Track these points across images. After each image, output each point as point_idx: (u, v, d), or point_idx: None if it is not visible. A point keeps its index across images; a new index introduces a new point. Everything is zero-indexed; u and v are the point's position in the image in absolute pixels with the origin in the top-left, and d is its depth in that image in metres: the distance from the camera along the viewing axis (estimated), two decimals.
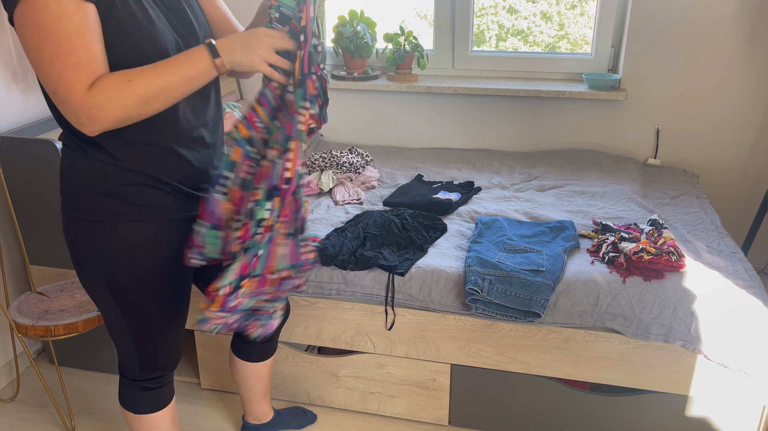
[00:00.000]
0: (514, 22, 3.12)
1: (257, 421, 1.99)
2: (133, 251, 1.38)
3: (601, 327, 1.86)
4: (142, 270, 1.40)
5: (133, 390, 1.58)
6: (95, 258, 1.38)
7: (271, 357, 1.86)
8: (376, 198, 2.48)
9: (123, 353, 1.54)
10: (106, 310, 1.46)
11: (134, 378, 1.57)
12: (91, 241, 1.37)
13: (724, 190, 2.82)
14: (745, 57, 2.61)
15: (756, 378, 1.77)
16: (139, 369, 1.54)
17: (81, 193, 1.35)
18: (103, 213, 1.35)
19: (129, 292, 1.42)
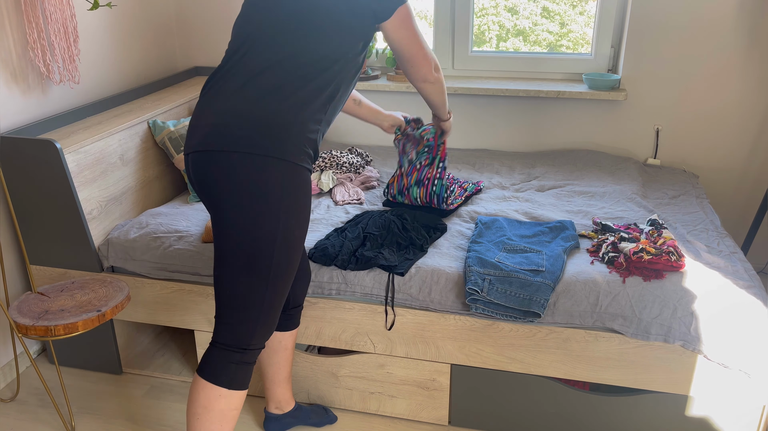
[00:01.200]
0: (516, 22, 3.12)
1: (279, 410, 1.99)
2: (308, 198, 1.54)
3: (600, 327, 1.86)
4: (308, 216, 1.56)
5: (234, 361, 1.55)
6: (287, 200, 1.47)
7: (297, 328, 1.90)
8: (376, 198, 2.48)
9: (245, 314, 1.53)
10: (256, 261, 1.48)
11: (244, 346, 1.55)
12: (297, 187, 1.48)
13: (723, 190, 2.82)
14: (745, 57, 2.61)
15: (756, 378, 1.77)
16: (258, 329, 1.55)
17: (297, 142, 1.48)
18: (308, 161, 1.51)
19: (296, 241, 1.51)
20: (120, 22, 2.74)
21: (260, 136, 1.45)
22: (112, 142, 2.29)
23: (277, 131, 1.46)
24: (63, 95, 2.46)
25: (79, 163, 2.14)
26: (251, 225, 1.46)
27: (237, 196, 1.45)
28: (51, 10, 2.21)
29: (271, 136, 1.45)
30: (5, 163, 2.11)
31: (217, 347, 1.56)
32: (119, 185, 2.33)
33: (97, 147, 2.22)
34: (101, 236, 2.23)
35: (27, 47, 2.26)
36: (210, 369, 1.56)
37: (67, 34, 2.30)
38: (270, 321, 1.57)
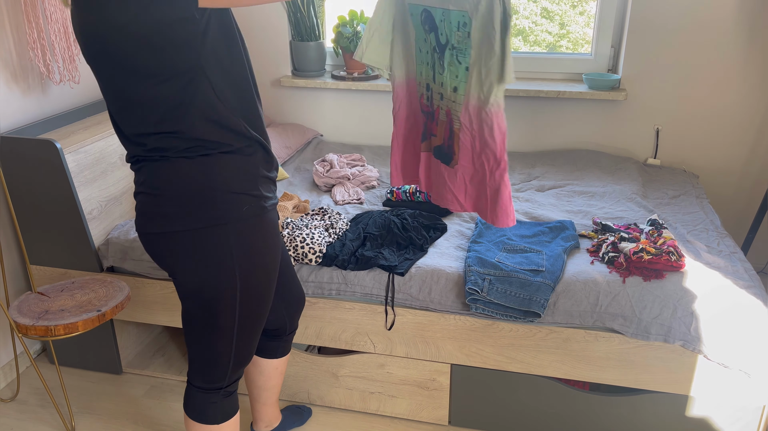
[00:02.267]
0: (516, 22, 3.12)
1: (268, 427, 1.97)
2: (268, 243, 1.44)
3: (600, 327, 1.86)
4: (271, 262, 1.47)
5: (215, 400, 1.55)
6: (233, 261, 1.38)
7: (289, 352, 1.89)
8: (376, 198, 2.48)
9: (216, 360, 1.50)
10: (220, 315, 1.43)
11: (221, 386, 1.54)
12: (230, 245, 1.37)
13: (723, 190, 2.82)
14: (745, 57, 2.61)
15: (756, 378, 1.77)
16: (232, 370, 1.53)
17: (218, 196, 1.35)
18: (240, 211, 1.37)
19: (255, 291, 1.45)
20: None
21: (158, 211, 1.37)
22: (112, 142, 2.29)
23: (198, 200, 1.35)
24: (63, 95, 2.46)
25: (79, 163, 2.14)
26: (207, 289, 1.42)
27: (187, 266, 1.40)
28: (51, 10, 2.21)
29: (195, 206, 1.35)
30: (5, 163, 2.11)
31: (194, 389, 1.57)
32: (119, 185, 2.33)
33: (97, 147, 2.22)
34: (101, 236, 2.24)
35: (27, 47, 2.26)
36: (197, 411, 1.57)
37: (67, 34, 2.30)
38: (243, 360, 1.55)
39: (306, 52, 2.98)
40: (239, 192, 1.37)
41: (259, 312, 1.51)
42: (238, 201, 1.37)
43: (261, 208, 1.41)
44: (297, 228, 2.10)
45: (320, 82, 2.97)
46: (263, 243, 1.44)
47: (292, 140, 2.95)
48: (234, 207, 1.36)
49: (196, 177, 1.33)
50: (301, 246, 1.99)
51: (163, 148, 1.33)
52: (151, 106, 1.28)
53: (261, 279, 1.46)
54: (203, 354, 1.52)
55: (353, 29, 2.93)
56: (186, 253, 1.38)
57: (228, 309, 1.44)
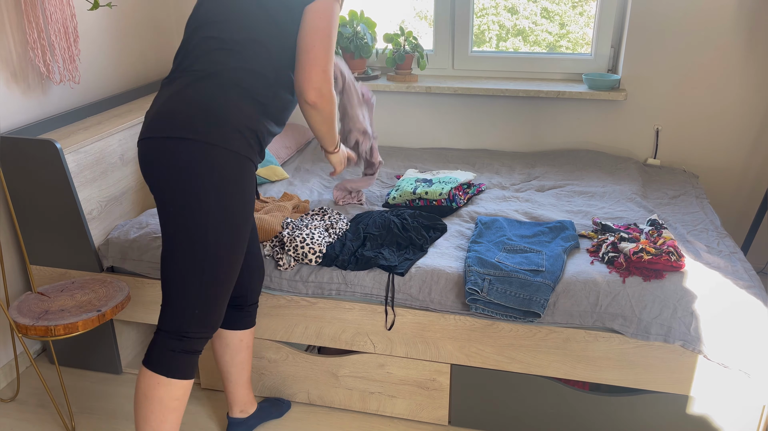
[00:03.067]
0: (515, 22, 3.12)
1: (244, 413, 1.99)
2: (251, 189, 1.56)
3: (600, 327, 1.86)
4: (250, 210, 1.57)
5: (174, 348, 1.55)
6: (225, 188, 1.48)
7: (254, 326, 1.92)
8: (377, 198, 2.48)
9: (183, 299, 1.53)
10: (191, 247, 1.49)
11: (183, 333, 1.55)
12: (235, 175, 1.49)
13: (723, 190, 2.82)
14: (745, 57, 2.62)
15: (756, 378, 1.77)
16: (196, 320, 1.54)
17: (237, 131, 1.49)
18: (250, 151, 1.52)
19: (235, 230, 1.52)
20: (120, 22, 2.74)
21: (200, 122, 1.46)
22: (112, 142, 2.29)
23: (217, 117, 1.47)
24: (63, 95, 2.46)
25: (79, 163, 2.14)
26: (188, 207, 1.48)
27: (175, 178, 1.47)
28: (51, 10, 2.21)
29: (211, 122, 1.46)
30: (5, 163, 2.11)
31: (159, 333, 1.57)
32: (119, 185, 2.33)
33: (97, 147, 2.22)
34: (101, 236, 2.24)
35: (27, 47, 2.26)
36: (150, 356, 1.56)
37: (67, 34, 2.30)
38: (211, 310, 1.57)
39: None
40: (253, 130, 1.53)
41: (231, 259, 1.55)
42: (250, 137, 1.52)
43: (254, 158, 1.56)
44: (297, 228, 2.10)
45: None
46: (251, 188, 1.56)
47: (292, 140, 2.96)
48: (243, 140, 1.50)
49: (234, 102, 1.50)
50: (301, 246, 1.99)
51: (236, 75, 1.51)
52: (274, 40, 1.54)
53: (240, 220, 1.54)
54: (171, 290, 1.54)
55: (353, 29, 2.93)
56: (191, 166, 1.46)
57: (201, 241, 1.49)
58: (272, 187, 2.57)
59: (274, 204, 2.28)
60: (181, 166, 1.46)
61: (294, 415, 2.16)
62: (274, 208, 2.25)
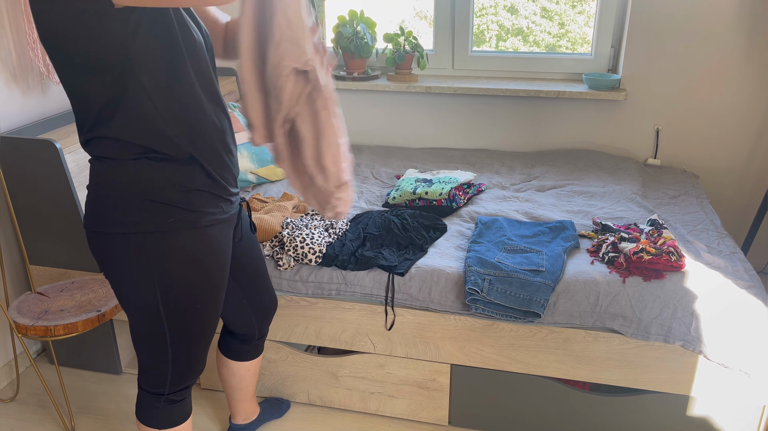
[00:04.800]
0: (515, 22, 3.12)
1: (246, 420, 2.00)
2: (192, 261, 1.37)
3: (601, 327, 1.86)
4: (200, 280, 1.40)
5: (158, 405, 1.54)
6: (153, 275, 1.35)
7: (262, 352, 1.89)
8: (377, 198, 2.48)
9: (154, 366, 1.49)
10: (149, 327, 1.42)
11: (161, 392, 1.53)
12: (149, 257, 1.33)
13: (724, 190, 2.82)
14: (745, 57, 2.61)
15: (756, 378, 1.77)
16: (170, 381, 1.51)
17: (139, 203, 1.31)
18: (165, 223, 1.32)
19: (182, 305, 1.40)
20: None
21: (94, 210, 1.35)
22: None
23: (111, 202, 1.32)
24: (63, 95, 2.45)
25: (79, 163, 2.14)
26: (126, 298, 1.40)
27: (113, 269, 1.38)
28: None
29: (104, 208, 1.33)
30: (5, 163, 2.11)
31: (140, 390, 1.57)
32: None
33: None
34: None
35: (27, 47, 2.26)
36: (141, 412, 1.56)
37: None
38: (185, 372, 1.52)
39: None
40: (163, 202, 1.31)
41: (194, 326, 1.45)
42: (161, 211, 1.31)
43: (192, 222, 1.35)
44: (297, 228, 2.10)
45: None
46: (192, 258, 1.37)
47: None
48: (156, 216, 1.31)
49: (120, 181, 1.30)
50: (301, 246, 1.99)
51: (98, 148, 1.30)
52: (84, 100, 1.25)
53: (187, 294, 1.39)
54: (142, 357, 1.50)
55: (353, 29, 2.93)
56: (112, 256, 1.35)
57: (153, 319, 1.40)
58: (272, 187, 2.57)
59: (274, 204, 2.28)
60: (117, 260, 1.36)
61: (294, 415, 2.16)
62: (274, 207, 2.25)
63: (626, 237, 1.99)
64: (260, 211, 2.25)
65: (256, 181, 2.58)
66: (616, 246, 1.95)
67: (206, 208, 1.37)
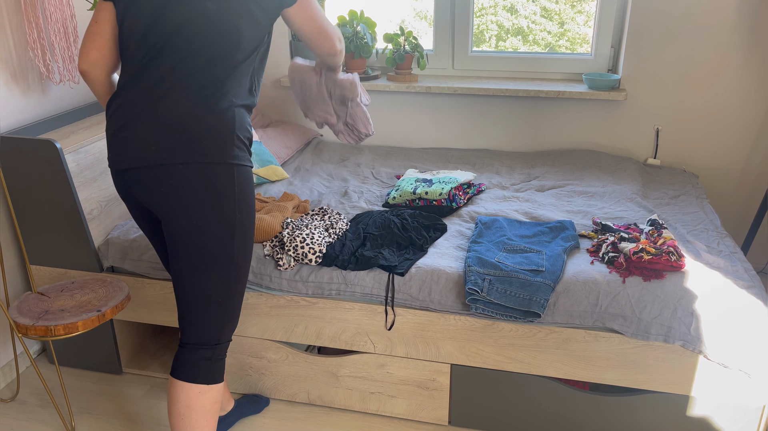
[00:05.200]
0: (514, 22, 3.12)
1: (223, 411, 2.04)
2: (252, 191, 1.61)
3: (600, 327, 1.86)
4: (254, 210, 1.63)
5: (213, 358, 1.62)
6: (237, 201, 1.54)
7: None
8: (377, 198, 2.48)
9: (213, 319, 1.59)
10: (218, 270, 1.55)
11: (216, 343, 1.62)
12: (241, 185, 1.54)
13: (724, 190, 2.82)
14: (745, 57, 2.62)
15: (756, 378, 1.77)
16: (228, 328, 1.63)
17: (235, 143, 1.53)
18: (247, 157, 1.58)
19: (249, 233, 1.60)
20: None
21: (201, 143, 1.49)
22: None
23: (216, 137, 1.51)
24: (63, 95, 2.45)
25: (79, 163, 2.14)
26: (208, 227, 1.52)
27: (190, 202, 1.51)
28: (51, 10, 2.21)
29: (211, 142, 1.50)
30: (5, 163, 2.11)
31: (187, 348, 1.62)
32: None
33: (97, 147, 2.22)
34: (101, 236, 2.23)
35: (27, 47, 2.26)
36: (186, 370, 1.61)
37: (67, 34, 2.30)
38: (236, 314, 1.65)
39: (306, 52, 2.99)
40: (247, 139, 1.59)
41: (248, 259, 1.62)
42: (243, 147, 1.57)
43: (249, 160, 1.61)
44: (297, 228, 2.10)
45: None
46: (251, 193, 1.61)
47: (292, 140, 2.95)
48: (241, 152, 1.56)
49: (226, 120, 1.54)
50: (301, 246, 1.99)
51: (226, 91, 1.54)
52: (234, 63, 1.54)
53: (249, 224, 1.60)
54: (199, 305, 1.58)
55: (353, 29, 2.93)
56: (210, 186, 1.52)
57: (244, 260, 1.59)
58: (272, 187, 2.57)
59: (274, 204, 2.28)
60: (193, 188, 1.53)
61: (294, 415, 2.16)
62: (274, 207, 2.25)
63: (626, 237, 1.99)
64: (260, 211, 2.25)
65: (257, 181, 2.58)
66: (616, 246, 1.95)
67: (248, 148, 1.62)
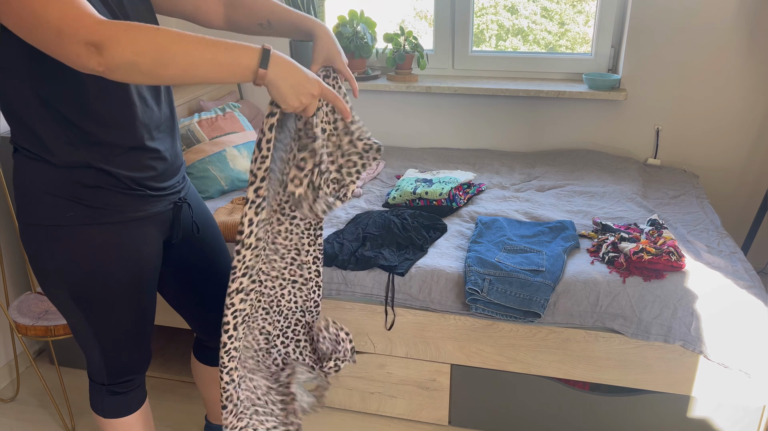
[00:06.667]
0: (515, 22, 3.12)
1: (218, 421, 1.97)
2: (96, 255, 1.35)
3: (601, 327, 1.86)
4: (106, 274, 1.37)
5: (101, 395, 1.56)
6: (57, 266, 1.34)
7: None
8: (377, 198, 2.48)
9: (90, 359, 1.52)
10: (70, 318, 1.44)
11: (102, 383, 1.54)
12: (51, 248, 1.33)
13: (724, 190, 2.82)
14: (745, 57, 2.61)
15: (756, 378, 1.77)
16: (107, 374, 1.52)
17: (37, 199, 1.30)
18: (63, 217, 1.30)
19: (93, 299, 1.39)
20: None
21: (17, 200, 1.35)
22: None
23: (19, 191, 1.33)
24: None
25: None
26: (45, 285, 1.41)
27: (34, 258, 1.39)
28: None
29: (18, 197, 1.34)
30: (5, 163, 2.11)
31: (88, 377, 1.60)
32: None
33: None
34: None
35: None
36: (90, 398, 1.60)
37: None
38: (118, 367, 1.52)
39: (306, 52, 2.98)
40: (59, 196, 1.30)
41: (113, 322, 1.43)
42: (59, 205, 1.31)
43: (95, 216, 1.33)
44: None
45: None
46: (96, 253, 1.34)
47: None
48: (56, 210, 1.31)
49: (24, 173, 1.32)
50: None
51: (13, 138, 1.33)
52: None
53: (96, 288, 1.37)
54: (81, 347, 1.53)
55: (353, 29, 2.93)
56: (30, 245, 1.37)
57: (71, 311, 1.42)
58: None
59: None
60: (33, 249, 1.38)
61: None
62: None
63: (626, 237, 1.99)
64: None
65: None
66: (616, 246, 1.95)
67: (113, 204, 1.34)
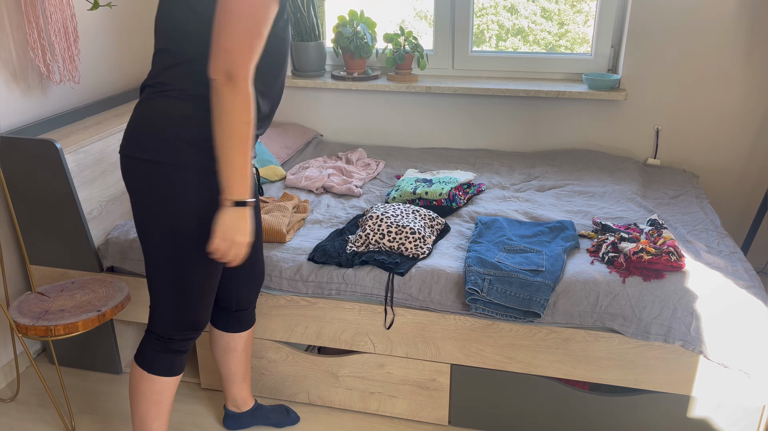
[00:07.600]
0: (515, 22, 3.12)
1: (237, 408, 2.02)
2: (214, 204, 1.50)
3: (600, 327, 1.86)
4: (206, 219, 1.52)
5: (157, 350, 1.63)
6: (195, 210, 1.49)
7: (249, 330, 1.91)
8: (376, 198, 2.48)
9: (161, 310, 1.60)
10: (158, 264, 1.55)
11: (164, 337, 1.62)
12: (200, 191, 1.48)
13: (724, 190, 2.82)
14: (745, 57, 2.62)
15: (756, 378, 1.77)
16: (173, 326, 1.61)
17: (170, 140, 1.46)
18: (189, 161, 1.47)
19: (194, 245, 1.52)
20: (120, 22, 2.74)
21: (136, 138, 1.50)
22: (112, 141, 2.29)
23: (147, 133, 1.48)
24: (63, 95, 2.45)
25: (79, 163, 2.14)
26: (141, 221, 1.55)
27: (132, 194, 1.54)
28: (51, 10, 2.21)
29: (144, 138, 1.48)
30: (5, 163, 2.11)
31: (147, 332, 1.68)
32: (119, 185, 2.33)
33: (97, 147, 2.22)
34: (101, 236, 2.23)
35: (27, 47, 2.26)
36: (138, 352, 1.67)
37: (67, 34, 2.30)
38: (184, 314, 1.61)
39: (306, 52, 2.99)
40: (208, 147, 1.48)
41: (201, 273, 1.56)
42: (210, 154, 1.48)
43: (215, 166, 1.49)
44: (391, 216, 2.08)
45: (320, 82, 2.97)
46: (215, 201, 1.50)
47: (292, 140, 2.96)
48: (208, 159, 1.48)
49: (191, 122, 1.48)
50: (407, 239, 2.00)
51: None
52: None
53: (203, 236, 1.52)
54: (151, 296, 1.62)
55: (353, 29, 2.93)
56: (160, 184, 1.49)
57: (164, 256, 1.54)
58: (272, 187, 2.57)
59: (274, 204, 2.28)
60: (133, 184, 1.53)
61: None
62: (274, 207, 2.25)
63: (626, 237, 1.99)
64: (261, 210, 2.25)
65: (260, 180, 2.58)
66: (616, 246, 1.95)
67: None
